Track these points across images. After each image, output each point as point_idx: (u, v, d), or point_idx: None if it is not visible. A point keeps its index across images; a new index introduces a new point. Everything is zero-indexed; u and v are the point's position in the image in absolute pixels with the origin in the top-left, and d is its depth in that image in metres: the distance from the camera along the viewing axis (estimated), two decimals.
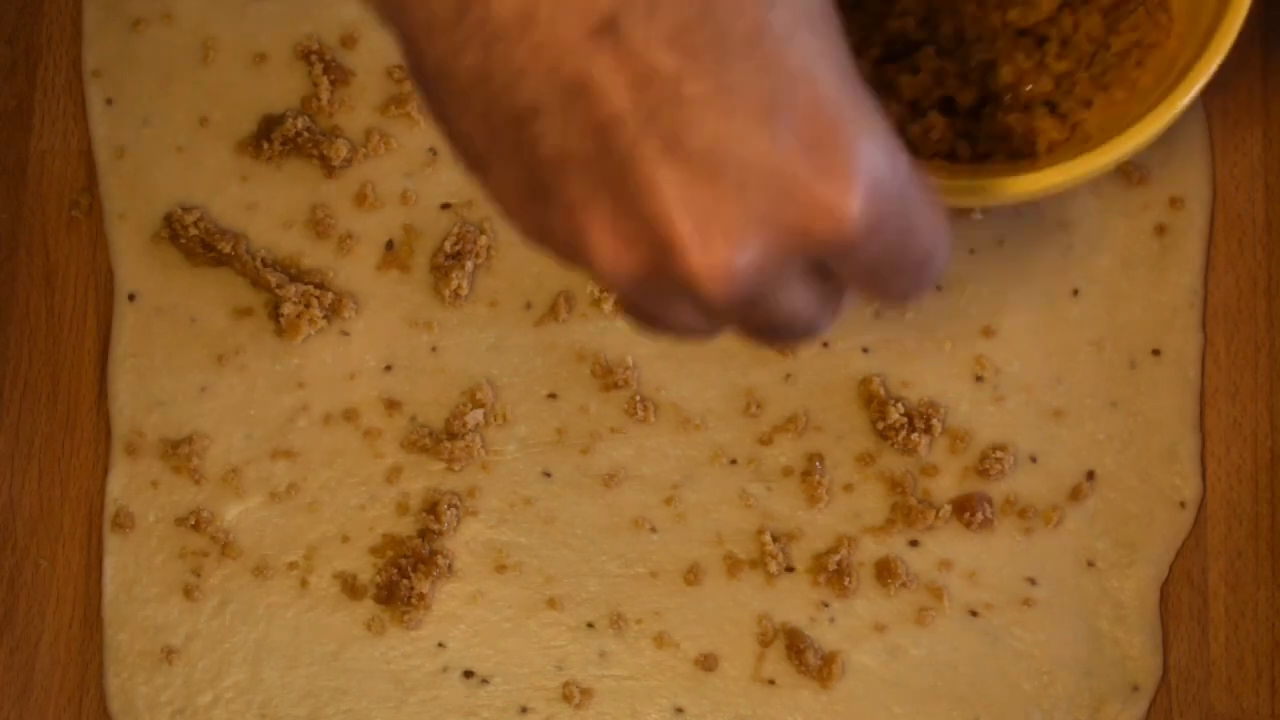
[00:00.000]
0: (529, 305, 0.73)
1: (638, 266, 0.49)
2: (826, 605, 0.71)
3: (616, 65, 0.46)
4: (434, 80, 0.49)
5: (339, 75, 0.74)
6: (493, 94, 0.48)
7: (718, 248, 0.47)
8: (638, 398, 0.71)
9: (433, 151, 0.74)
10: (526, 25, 0.46)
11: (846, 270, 0.50)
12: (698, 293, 0.48)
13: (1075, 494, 0.71)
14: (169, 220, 0.73)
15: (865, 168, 0.47)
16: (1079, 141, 0.68)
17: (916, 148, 0.68)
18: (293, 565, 0.71)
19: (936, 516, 0.71)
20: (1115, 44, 0.69)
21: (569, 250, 0.50)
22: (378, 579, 0.71)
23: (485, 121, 0.49)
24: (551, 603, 0.71)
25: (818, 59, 0.47)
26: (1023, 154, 0.68)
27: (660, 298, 0.50)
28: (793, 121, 0.47)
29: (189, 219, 0.73)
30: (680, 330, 0.52)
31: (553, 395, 0.72)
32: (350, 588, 0.71)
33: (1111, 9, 0.69)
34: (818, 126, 0.47)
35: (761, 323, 0.51)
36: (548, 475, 0.72)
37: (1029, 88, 0.69)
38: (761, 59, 0.46)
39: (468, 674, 0.70)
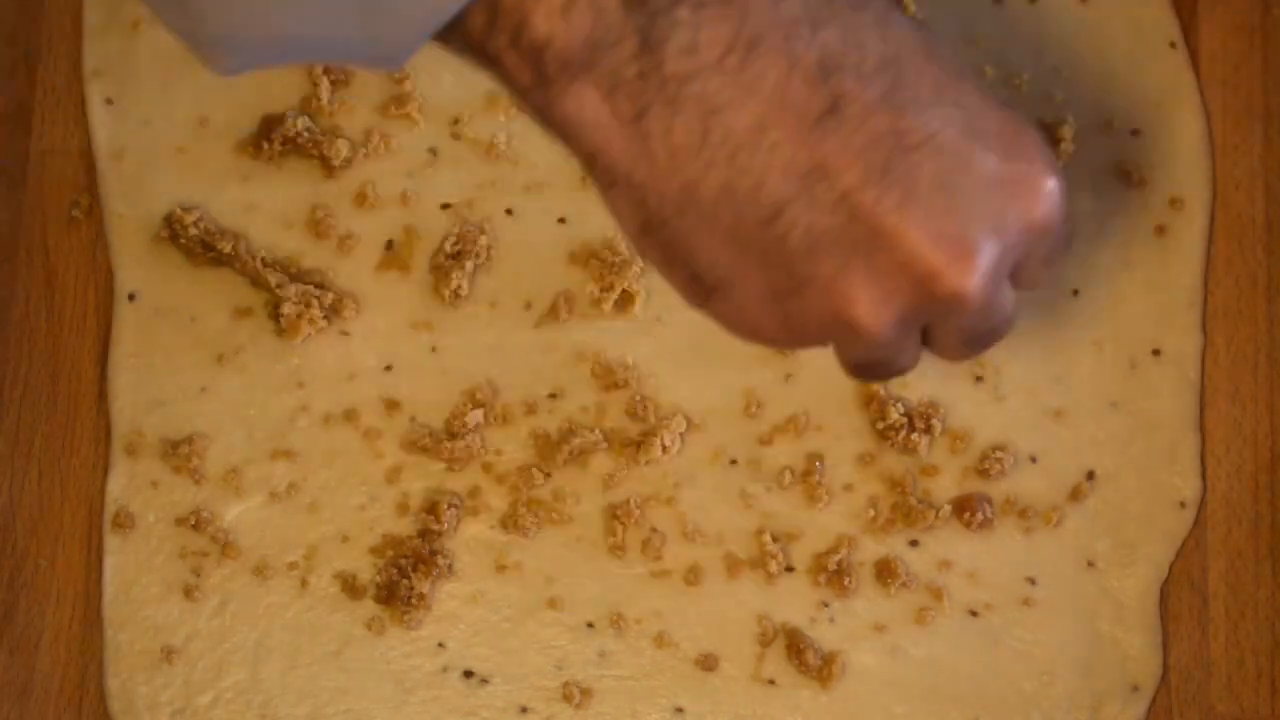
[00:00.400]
0: (529, 305, 0.73)
1: (897, 309, 0.55)
2: (826, 605, 0.71)
3: (846, 140, 0.53)
4: (675, 217, 0.55)
5: (339, 75, 0.74)
6: (739, 205, 0.54)
7: (968, 260, 0.55)
8: (638, 398, 0.71)
9: (432, 152, 0.74)
10: (762, 131, 0.53)
11: (1034, 259, 0.58)
12: (958, 304, 0.55)
13: (1075, 494, 0.71)
14: (169, 220, 0.73)
15: (1049, 162, 0.56)
16: None
17: None
18: (293, 565, 0.71)
19: (936, 516, 0.71)
20: None
21: (827, 326, 0.56)
22: (378, 579, 0.71)
23: (733, 235, 0.55)
24: (551, 603, 0.71)
25: (981, 94, 0.56)
26: None
27: (902, 338, 0.57)
28: (988, 141, 0.55)
29: (189, 219, 0.73)
30: (900, 370, 0.60)
31: (553, 395, 0.72)
32: (350, 588, 0.71)
33: None
34: (1005, 139, 0.56)
35: (985, 325, 0.58)
36: (548, 475, 0.72)
37: None
38: (950, 103, 0.55)
39: (468, 674, 0.70)
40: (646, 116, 0.53)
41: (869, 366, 0.60)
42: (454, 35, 0.53)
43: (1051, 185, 0.56)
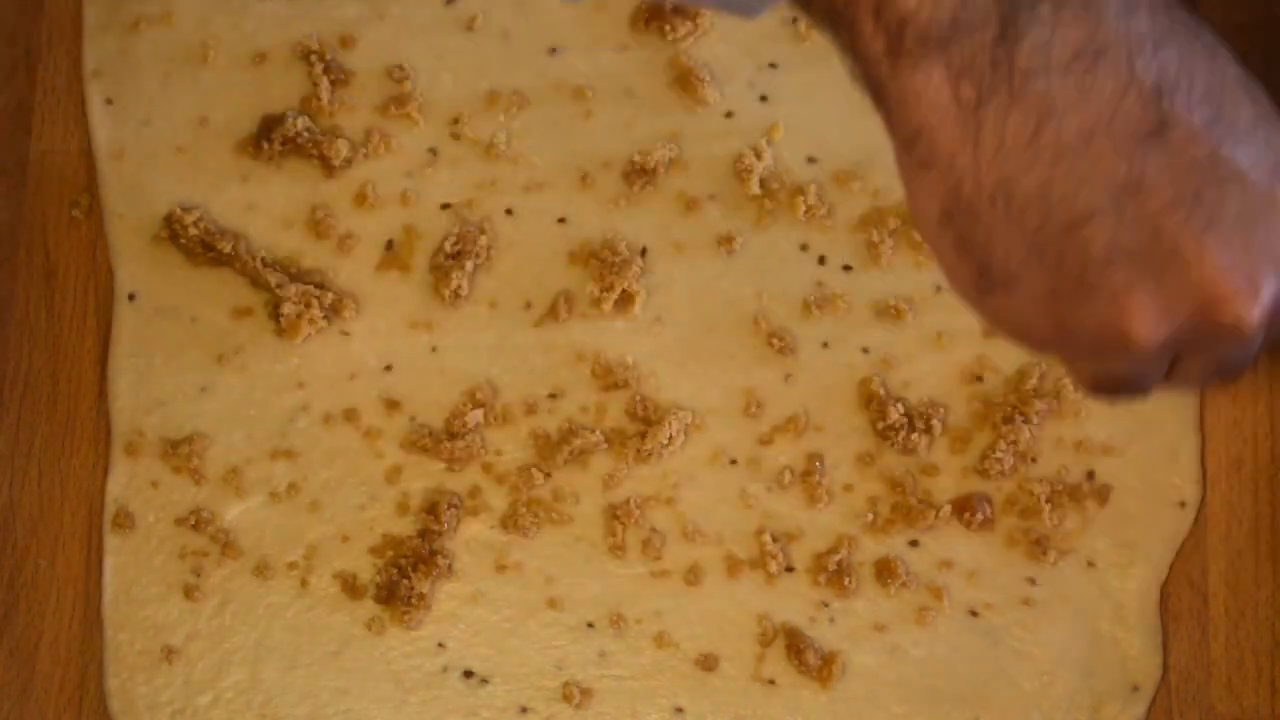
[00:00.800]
0: (529, 305, 0.73)
1: (1174, 330, 0.57)
2: (826, 605, 0.71)
3: (1166, 163, 0.55)
4: (987, 207, 0.56)
5: (339, 75, 0.74)
6: (1050, 205, 0.55)
7: (1254, 293, 0.56)
8: (638, 398, 0.71)
9: (432, 152, 0.74)
10: (1089, 140, 0.55)
11: None
12: (1234, 334, 0.57)
13: (1075, 494, 0.71)
14: (169, 220, 0.73)
15: None
16: None
17: None
18: (293, 565, 0.71)
19: (936, 516, 0.71)
20: None
21: (1100, 336, 0.57)
22: (378, 579, 0.71)
23: (1036, 235, 0.56)
24: (551, 603, 0.71)
25: None
26: None
27: (1162, 358, 0.59)
28: None
29: (189, 219, 0.73)
30: (1143, 388, 0.61)
31: (553, 395, 0.72)
32: (350, 588, 0.71)
33: None
34: None
35: (1242, 359, 0.60)
36: (548, 475, 0.72)
37: None
38: (1262, 141, 0.56)
39: (468, 674, 0.70)
40: (987, 105, 0.54)
41: (1115, 381, 0.61)
42: None
43: None
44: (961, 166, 0.56)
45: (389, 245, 0.73)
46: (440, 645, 0.71)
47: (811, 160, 0.73)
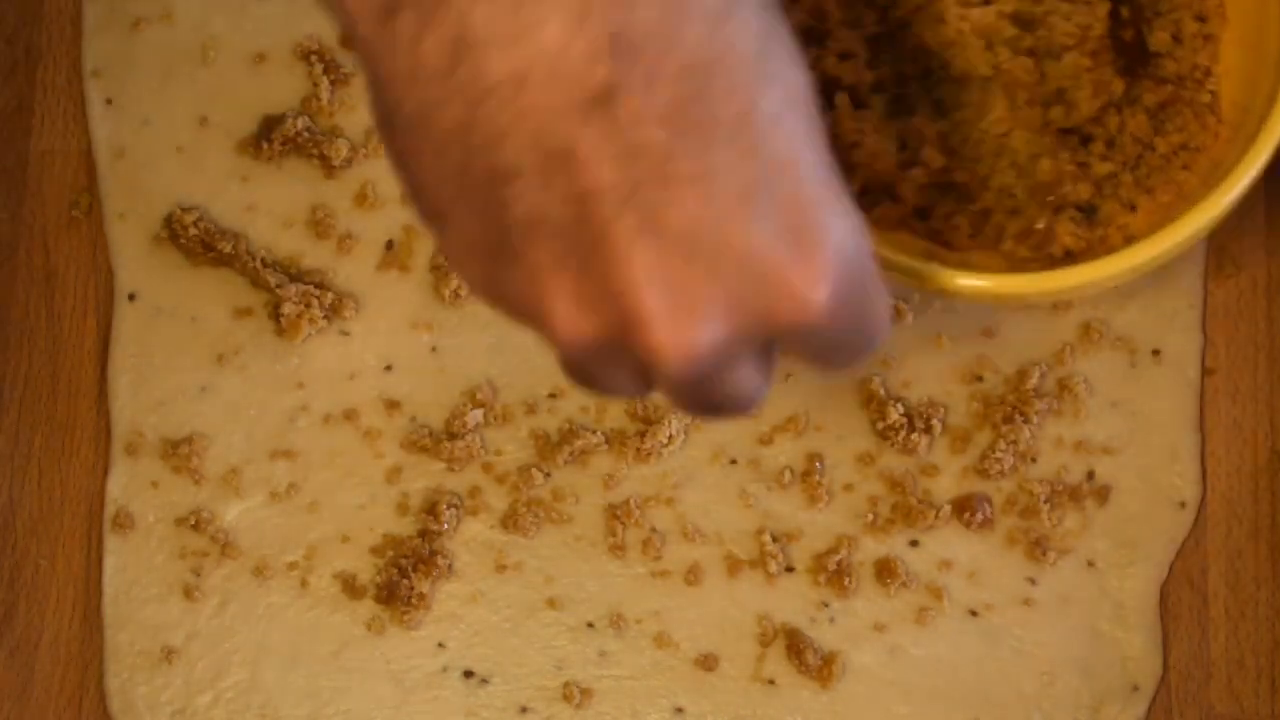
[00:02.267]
0: None
1: (594, 335, 0.49)
2: (826, 605, 0.71)
3: (606, 138, 0.46)
4: (407, 128, 0.49)
5: (339, 75, 0.74)
6: (471, 150, 0.47)
7: (684, 327, 0.47)
8: (638, 398, 0.71)
9: None
10: (519, 87, 0.46)
11: (794, 349, 0.51)
12: (657, 367, 0.49)
13: (1075, 494, 0.71)
14: (169, 220, 0.73)
15: (836, 257, 0.48)
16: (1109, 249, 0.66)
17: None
18: (293, 565, 0.71)
19: (936, 516, 0.71)
20: (1161, 146, 0.68)
21: (522, 310, 0.50)
22: (378, 579, 0.71)
23: (458, 176, 0.48)
24: (551, 603, 0.71)
25: (800, 145, 0.48)
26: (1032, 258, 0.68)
27: (606, 365, 0.51)
28: (771, 209, 0.47)
29: (189, 219, 0.73)
30: (616, 392, 0.53)
31: (553, 395, 0.72)
32: (350, 588, 0.71)
33: (1158, 110, 0.68)
34: (794, 215, 0.48)
35: (704, 398, 0.51)
36: (548, 475, 0.72)
37: (1067, 189, 0.68)
38: (748, 144, 0.47)
39: (468, 674, 0.70)
40: (395, 17, 0.46)
41: (576, 372, 0.53)
42: None
43: (821, 288, 0.48)
44: (383, 78, 0.47)
45: (389, 245, 0.73)
46: (440, 645, 0.71)
47: None
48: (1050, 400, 0.71)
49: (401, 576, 0.71)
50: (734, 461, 0.71)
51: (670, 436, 0.71)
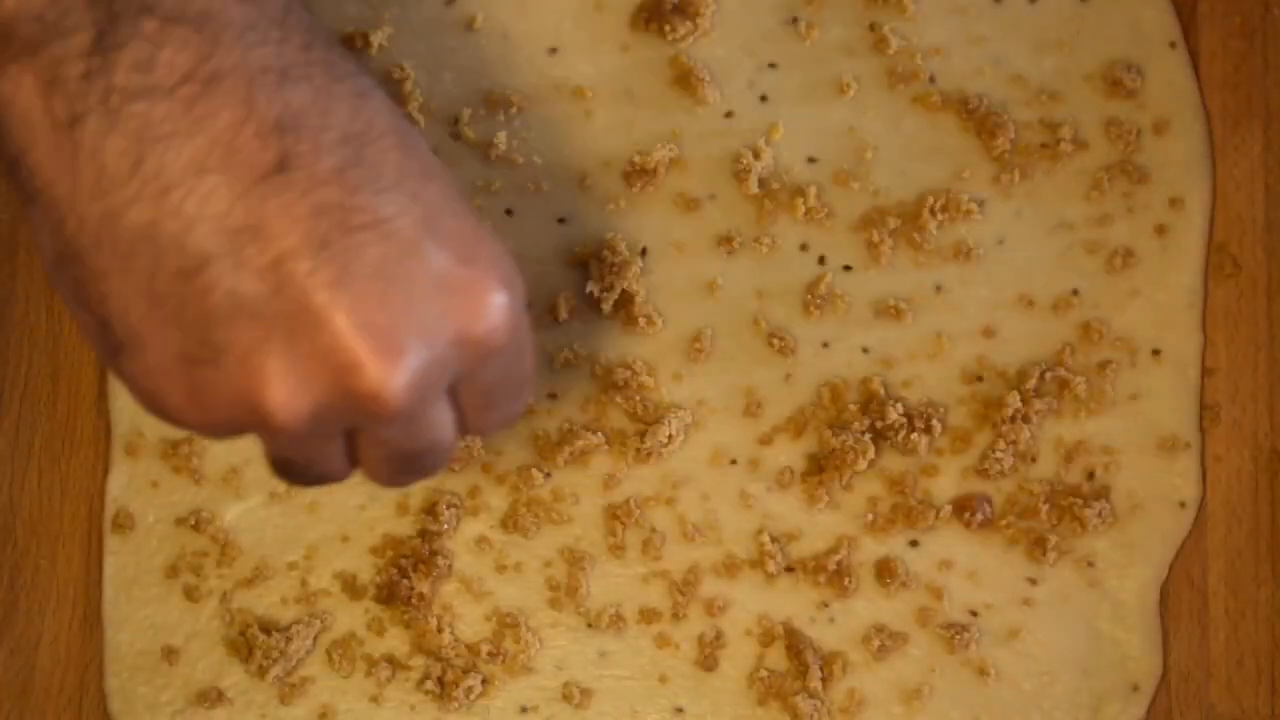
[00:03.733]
0: (529, 305, 0.73)
1: (313, 402, 0.52)
2: (826, 605, 0.71)
3: (288, 204, 0.50)
4: (91, 249, 0.50)
5: None
6: (161, 250, 0.50)
7: (393, 359, 0.51)
8: (637, 398, 0.71)
9: (433, 151, 0.73)
10: (200, 174, 0.50)
11: (473, 388, 0.56)
12: (376, 405, 0.52)
13: (1075, 494, 0.71)
14: None
15: (504, 279, 0.54)
16: None
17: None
18: (293, 565, 0.71)
19: (936, 516, 0.71)
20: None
21: (237, 407, 0.52)
22: (378, 579, 0.71)
23: (149, 283, 0.50)
24: (551, 603, 0.71)
25: (452, 197, 0.55)
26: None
27: (319, 438, 0.54)
28: (442, 240, 0.53)
29: None
30: (324, 476, 0.57)
31: (553, 395, 0.72)
32: (350, 588, 0.71)
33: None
34: (464, 244, 0.54)
35: (411, 444, 0.55)
36: (547, 475, 0.72)
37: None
38: (410, 194, 0.53)
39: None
40: (81, 126, 0.49)
41: (287, 465, 0.56)
42: None
43: (500, 299, 0.54)
44: (61, 197, 0.50)
45: None
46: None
47: (811, 160, 0.73)
48: (1050, 400, 0.71)
49: (401, 576, 0.71)
50: (734, 461, 0.71)
51: (670, 436, 0.71)
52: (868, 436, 0.71)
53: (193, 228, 0.50)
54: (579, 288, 0.72)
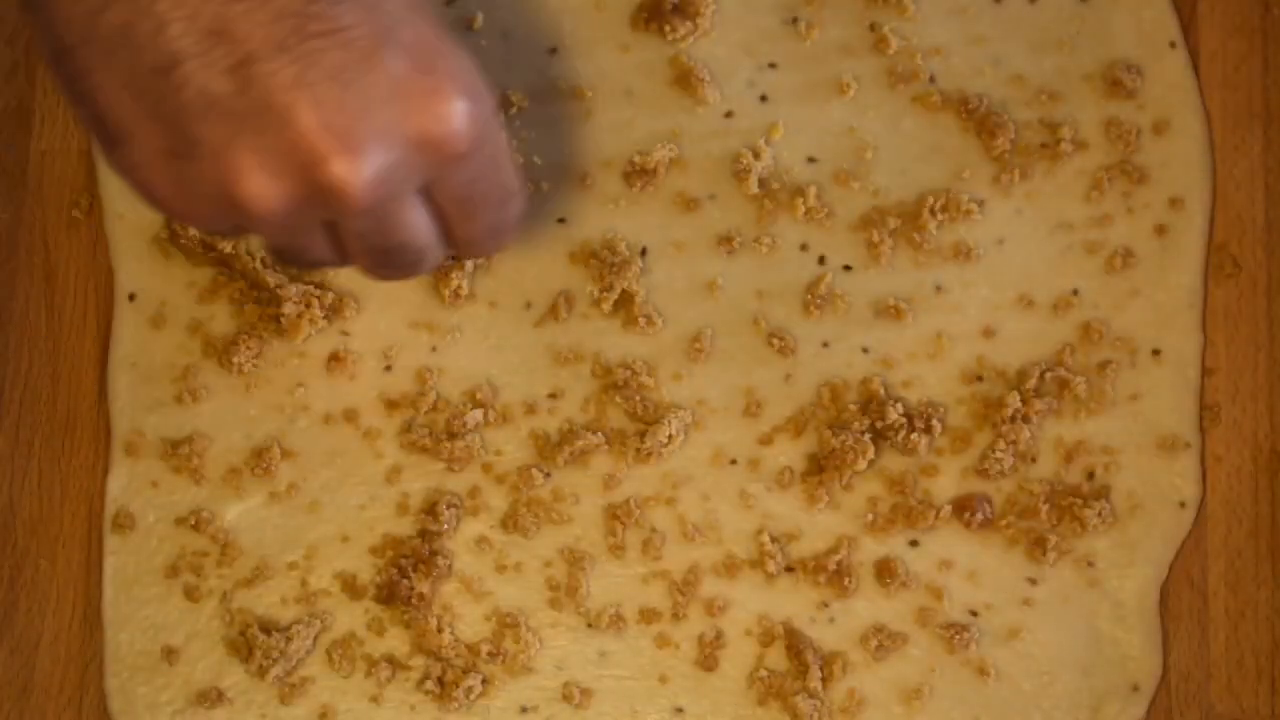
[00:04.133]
0: (529, 305, 0.73)
1: (285, 193, 0.56)
2: (826, 605, 0.71)
3: (251, 8, 0.54)
4: (76, 48, 0.55)
5: None
6: (137, 48, 0.54)
7: (354, 155, 0.55)
8: (638, 398, 0.71)
9: None
10: None
11: (446, 194, 0.59)
12: (341, 200, 0.56)
13: (1075, 494, 0.71)
14: (169, 221, 0.73)
15: (465, 88, 0.57)
16: None
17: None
18: (293, 565, 0.71)
19: (936, 516, 0.71)
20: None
21: (217, 199, 0.56)
22: (378, 579, 0.71)
23: (129, 80, 0.54)
24: (551, 603, 0.71)
25: (416, 10, 0.57)
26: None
27: (303, 226, 0.58)
28: (400, 50, 0.56)
29: None
30: (317, 262, 0.61)
31: (553, 395, 0.72)
32: (350, 588, 0.71)
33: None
34: (423, 54, 0.56)
35: (383, 240, 0.59)
36: (547, 475, 0.72)
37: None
38: (369, 5, 0.55)
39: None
40: None
41: (281, 252, 0.61)
42: None
43: (460, 105, 0.56)
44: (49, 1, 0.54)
45: None
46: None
47: (811, 160, 0.73)
48: (1050, 400, 0.71)
49: (401, 576, 0.71)
50: (734, 461, 0.71)
51: (670, 436, 0.71)
52: (868, 436, 0.71)
53: (164, 28, 0.53)
54: (579, 288, 0.72)
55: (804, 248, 0.72)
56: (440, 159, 0.57)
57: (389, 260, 0.61)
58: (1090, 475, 0.71)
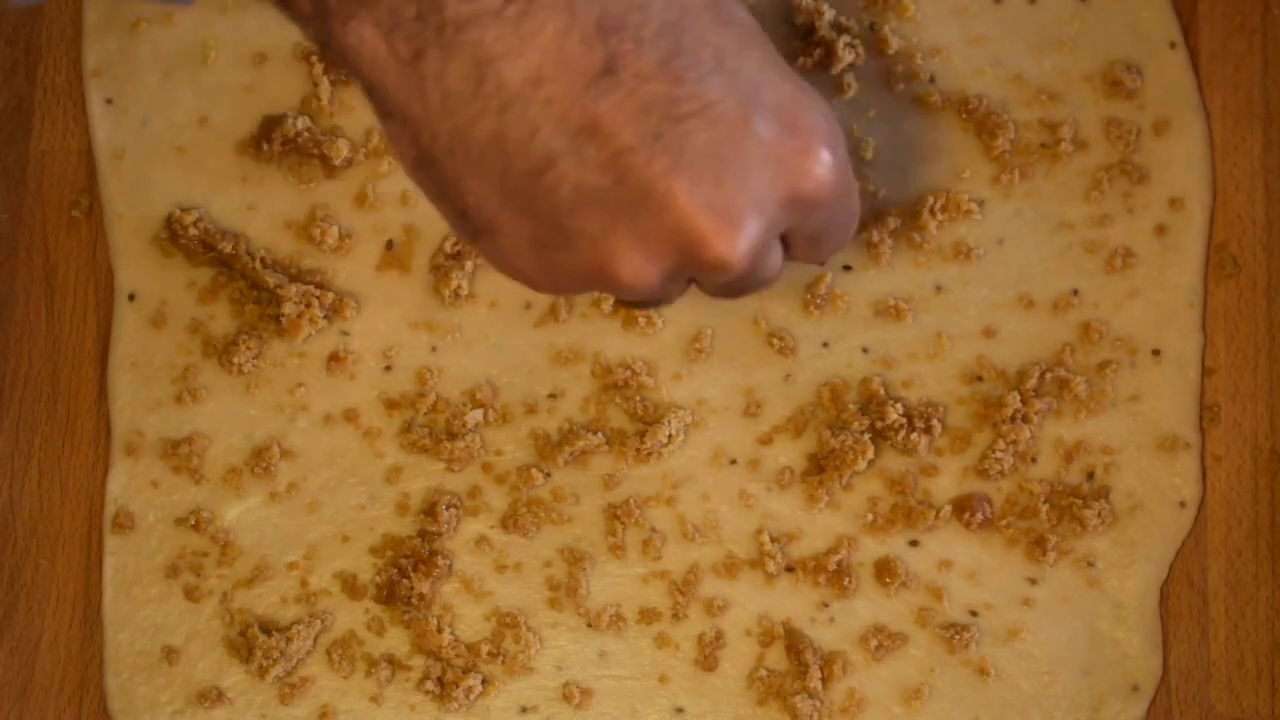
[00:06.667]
0: (529, 305, 0.73)
1: (664, 270, 0.57)
2: (826, 605, 0.71)
3: (619, 102, 0.54)
4: (445, 157, 0.56)
5: (339, 76, 0.74)
6: (509, 155, 0.55)
7: (735, 232, 0.56)
8: (638, 398, 0.71)
9: None
10: (537, 85, 0.54)
11: (803, 232, 0.60)
12: (720, 272, 0.57)
13: (1075, 494, 0.71)
14: (169, 221, 0.73)
15: (827, 139, 0.58)
16: None
17: None
18: (293, 565, 0.71)
19: (936, 516, 0.71)
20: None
21: (590, 279, 0.58)
22: (378, 579, 0.71)
23: (500, 183, 0.56)
24: (551, 603, 0.71)
25: (769, 66, 0.58)
26: None
27: (667, 289, 0.59)
28: (766, 115, 0.56)
29: (189, 219, 0.73)
30: (666, 302, 0.62)
31: (553, 395, 0.72)
32: (350, 588, 0.71)
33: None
34: (786, 115, 0.57)
35: (743, 285, 0.60)
36: (547, 475, 0.72)
37: None
38: (729, 73, 0.56)
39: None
40: (423, 59, 0.54)
41: (639, 303, 0.63)
42: None
43: (825, 159, 0.57)
44: (414, 117, 0.55)
45: (389, 245, 0.73)
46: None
47: None
48: (1050, 400, 0.71)
49: (401, 576, 0.71)
50: (734, 461, 0.72)
51: (670, 436, 0.71)
52: (867, 436, 0.71)
53: (536, 133, 0.55)
54: None
55: None
56: (805, 210, 0.58)
57: (738, 292, 0.61)
58: (1090, 475, 0.71)
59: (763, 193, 0.56)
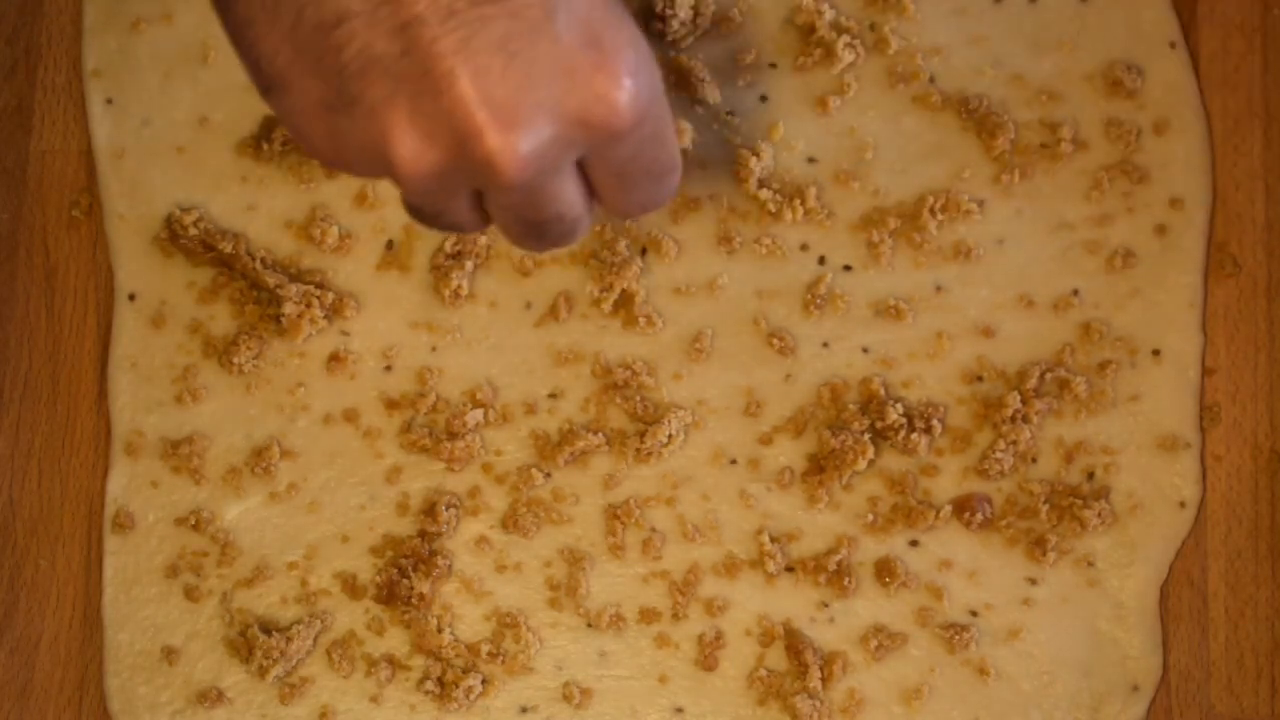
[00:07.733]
0: (529, 305, 0.73)
1: (436, 159, 0.55)
2: (826, 605, 0.71)
3: None
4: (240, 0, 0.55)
5: None
6: (302, 3, 0.54)
7: (512, 131, 0.54)
8: (638, 398, 0.71)
9: None
10: None
11: (604, 168, 0.58)
12: (494, 174, 0.55)
13: (1075, 494, 0.71)
14: (169, 220, 0.73)
15: (631, 66, 0.56)
16: None
17: None
18: (293, 565, 0.71)
19: (936, 516, 0.71)
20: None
21: (369, 154, 0.55)
22: (378, 579, 0.71)
23: (292, 34, 0.54)
24: (551, 603, 0.71)
25: None
26: None
27: (447, 192, 0.57)
28: (570, 23, 0.54)
29: (189, 219, 0.73)
30: (455, 225, 0.60)
31: (553, 395, 0.72)
32: (350, 588, 0.71)
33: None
34: (592, 29, 0.55)
35: (535, 214, 0.58)
36: (547, 475, 0.72)
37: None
38: None
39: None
40: None
41: (419, 211, 0.60)
42: None
43: (626, 84, 0.55)
44: None
45: (389, 245, 0.73)
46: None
47: (811, 160, 0.73)
48: (1050, 400, 0.71)
49: (401, 576, 0.71)
50: (734, 461, 0.72)
51: (670, 436, 0.71)
52: (867, 436, 0.71)
53: None
54: (579, 288, 0.72)
55: (804, 248, 0.72)
56: (601, 136, 0.56)
57: (538, 232, 0.60)
58: (1090, 475, 0.71)
59: (552, 101, 0.54)
